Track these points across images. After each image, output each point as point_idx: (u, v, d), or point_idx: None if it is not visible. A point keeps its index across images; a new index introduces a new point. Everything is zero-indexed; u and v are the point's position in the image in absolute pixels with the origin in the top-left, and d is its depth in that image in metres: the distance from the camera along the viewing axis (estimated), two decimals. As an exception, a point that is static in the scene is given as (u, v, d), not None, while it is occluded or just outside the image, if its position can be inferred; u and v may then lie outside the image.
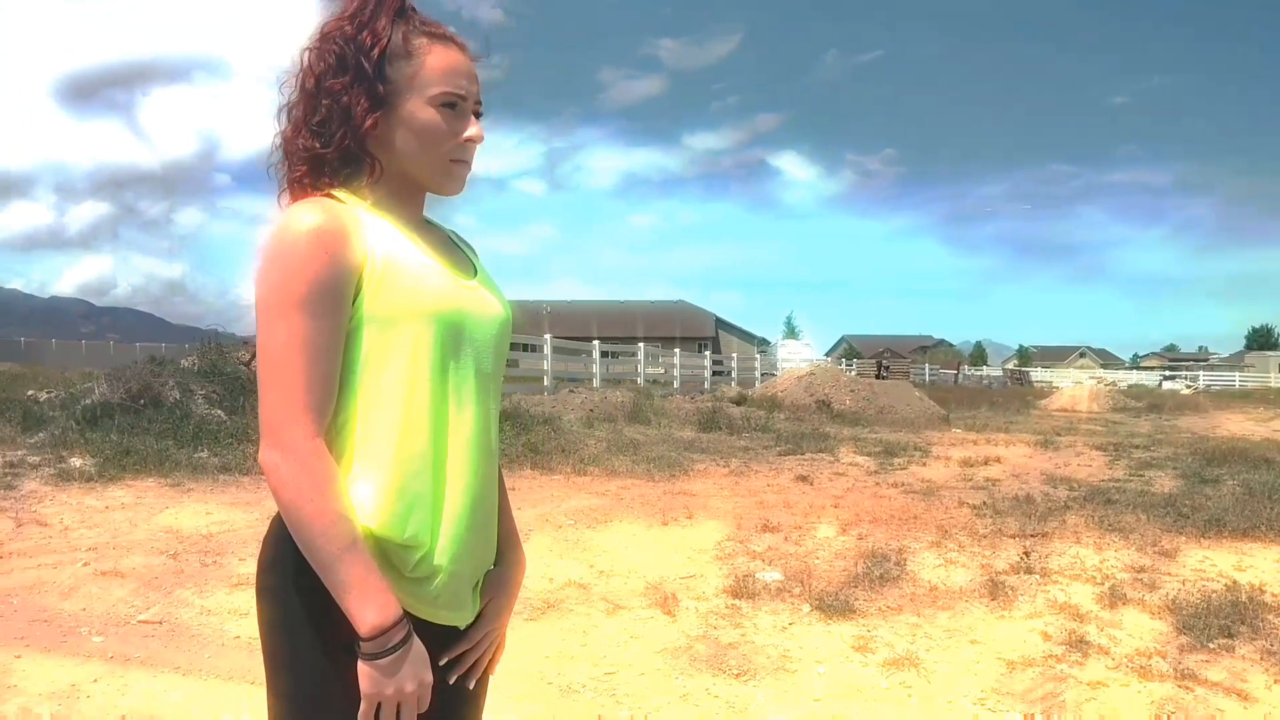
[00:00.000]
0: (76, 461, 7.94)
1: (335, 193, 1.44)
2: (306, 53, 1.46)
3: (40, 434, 8.76)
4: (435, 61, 1.45)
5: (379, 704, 1.34)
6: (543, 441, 10.14)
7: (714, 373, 30.72)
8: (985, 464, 11.07)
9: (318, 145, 1.43)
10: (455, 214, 1.64)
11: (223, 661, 4.16)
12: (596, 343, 22.90)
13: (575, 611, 4.92)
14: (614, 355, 25.54)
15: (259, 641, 1.44)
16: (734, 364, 33.74)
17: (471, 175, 1.52)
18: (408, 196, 1.50)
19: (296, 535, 1.32)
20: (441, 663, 1.47)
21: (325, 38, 1.45)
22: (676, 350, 28.44)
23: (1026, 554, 6.01)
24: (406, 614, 1.37)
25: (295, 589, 1.36)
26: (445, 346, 1.42)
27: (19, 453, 8.05)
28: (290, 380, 1.32)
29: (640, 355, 25.61)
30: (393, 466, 1.37)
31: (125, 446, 8.22)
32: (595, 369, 22.55)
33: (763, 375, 32.83)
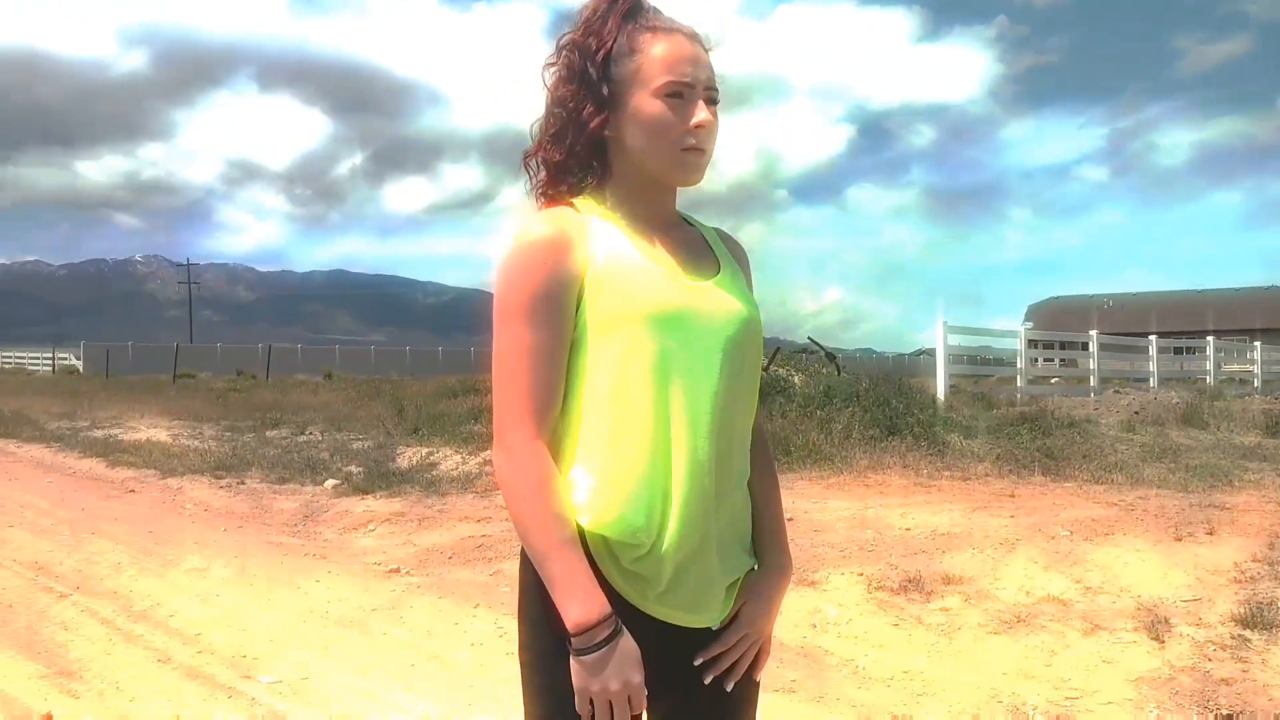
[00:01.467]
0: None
1: (576, 200, 1.53)
2: (545, 69, 1.55)
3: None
4: (658, 53, 1.47)
5: (591, 700, 1.39)
6: (1062, 447, 9.46)
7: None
8: None
9: (556, 154, 1.52)
10: (1013, 208, 1.55)
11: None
12: (1153, 338, 20.80)
13: (1047, 629, 4.57)
14: (1178, 351, 22.97)
15: None
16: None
17: (1026, 166, 1.44)
18: (650, 195, 1.53)
19: (518, 532, 1.44)
20: (696, 663, 1.51)
21: (560, 50, 1.54)
22: (1257, 344, 24.84)
23: None
24: (640, 614, 1.43)
25: (536, 587, 1.45)
26: (665, 348, 1.43)
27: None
28: (514, 386, 1.43)
29: (1209, 350, 22.76)
30: (609, 467, 1.43)
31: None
32: (1151, 367, 20.49)
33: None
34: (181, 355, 39.47)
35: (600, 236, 1.47)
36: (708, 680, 1.51)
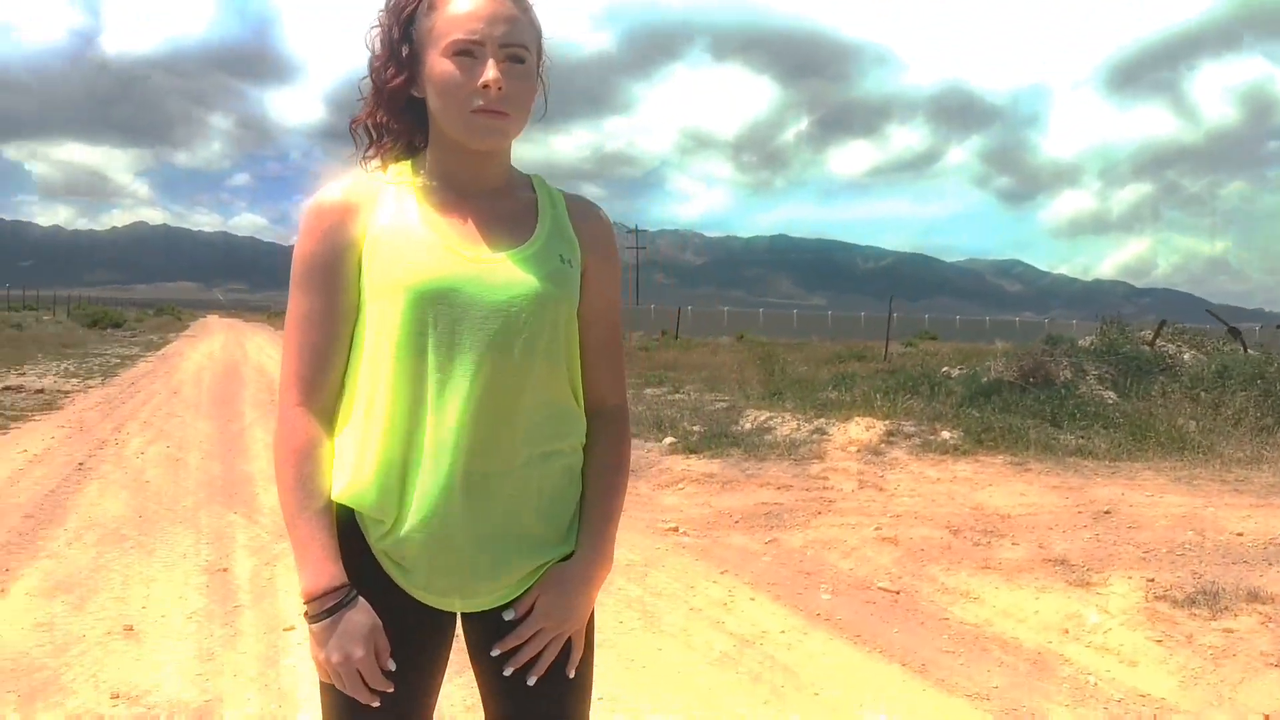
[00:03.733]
0: (946, 434, 8.50)
1: (394, 166, 1.50)
2: (368, 31, 1.49)
3: (927, 406, 9.54)
4: (451, 10, 1.39)
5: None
6: None
7: None
8: None
9: (369, 119, 1.49)
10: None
11: (922, 643, 4.22)
12: None
13: (1359, 669, 3.74)
14: None
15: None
16: None
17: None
18: (464, 159, 1.45)
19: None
20: (493, 654, 1.47)
21: (380, 11, 1.47)
22: None
23: None
24: (403, 592, 1.43)
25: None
26: (420, 321, 1.38)
27: (901, 422, 8.91)
28: (286, 352, 1.46)
29: None
30: (361, 439, 1.41)
31: (987, 422, 8.51)
32: None
33: None
34: (623, 316, 42.49)
35: (387, 203, 1.44)
36: (507, 673, 1.47)
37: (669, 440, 9.26)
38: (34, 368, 18.20)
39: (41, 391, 14.15)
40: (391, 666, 1.40)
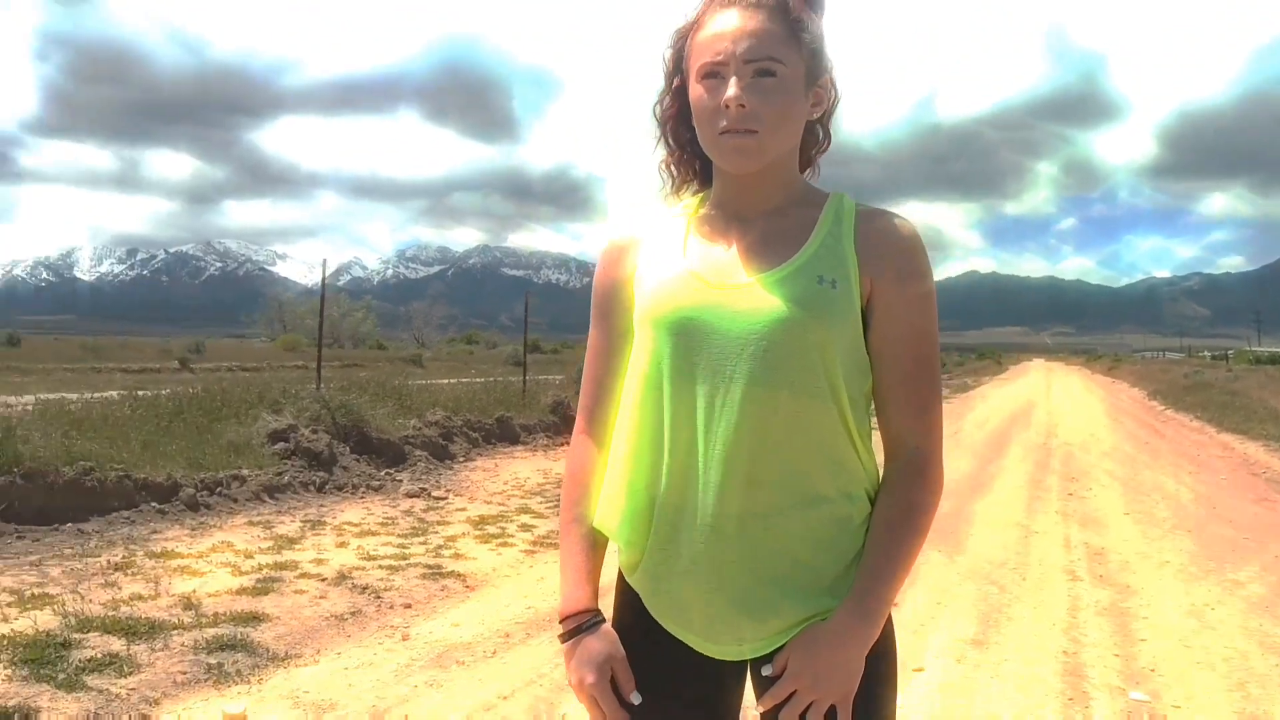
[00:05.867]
0: None
1: (689, 201, 1.48)
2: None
3: None
4: (702, 32, 1.34)
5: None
6: None
7: None
8: None
9: (661, 154, 1.49)
10: None
11: None
12: None
13: None
14: None
15: None
16: None
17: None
18: (730, 186, 1.40)
19: None
20: (758, 710, 1.35)
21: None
22: None
23: None
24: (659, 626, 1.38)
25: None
26: (659, 352, 1.34)
27: None
28: (583, 381, 1.51)
29: None
30: (616, 469, 1.39)
31: None
32: None
33: None
34: None
35: (655, 237, 1.44)
36: None
37: None
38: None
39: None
40: (635, 700, 1.36)
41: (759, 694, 1.35)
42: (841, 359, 1.31)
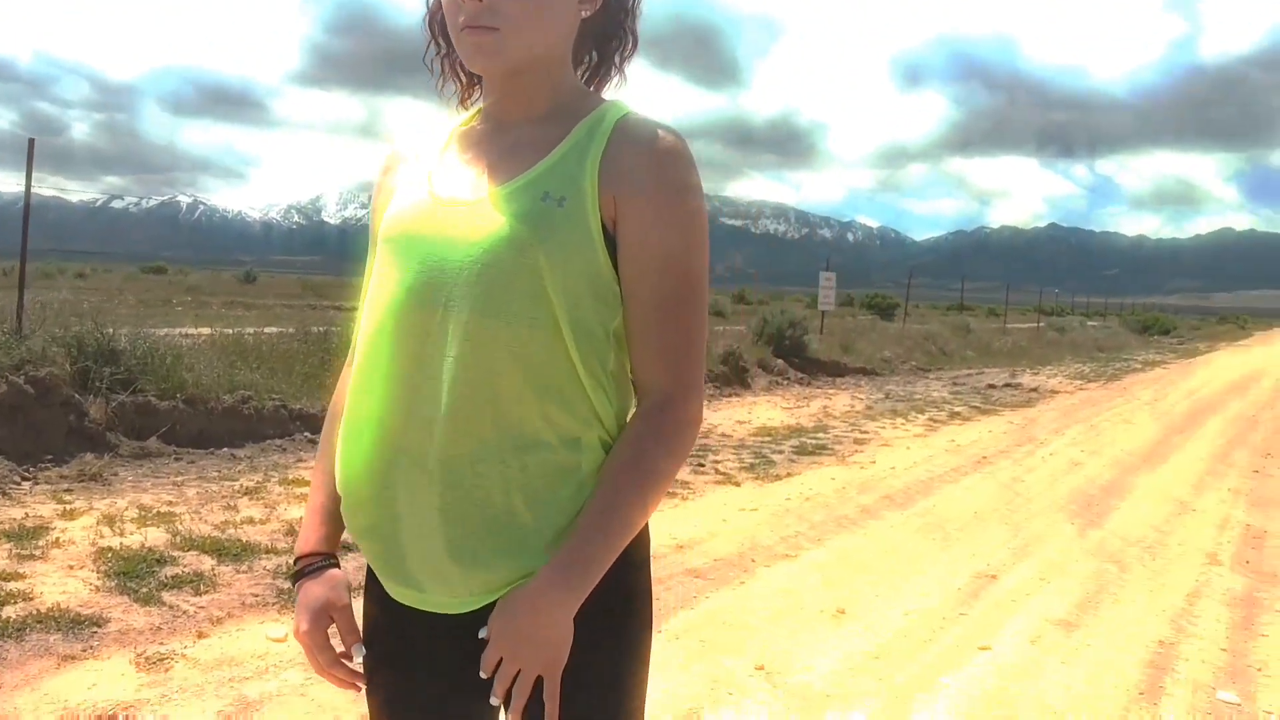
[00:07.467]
0: None
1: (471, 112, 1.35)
2: None
3: None
4: None
5: None
6: None
7: None
8: None
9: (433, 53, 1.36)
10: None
11: None
12: None
13: None
14: None
15: None
16: None
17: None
18: (489, 89, 1.28)
19: None
20: (483, 675, 1.17)
21: None
22: None
23: None
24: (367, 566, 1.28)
25: None
26: (391, 278, 1.21)
27: None
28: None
29: None
30: (348, 408, 1.27)
31: None
32: None
33: None
34: None
35: (419, 150, 1.32)
36: (494, 702, 1.16)
37: None
38: (1051, 368, 19.27)
39: (1034, 390, 14.95)
40: (357, 654, 1.27)
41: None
42: (568, 285, 1.15)
